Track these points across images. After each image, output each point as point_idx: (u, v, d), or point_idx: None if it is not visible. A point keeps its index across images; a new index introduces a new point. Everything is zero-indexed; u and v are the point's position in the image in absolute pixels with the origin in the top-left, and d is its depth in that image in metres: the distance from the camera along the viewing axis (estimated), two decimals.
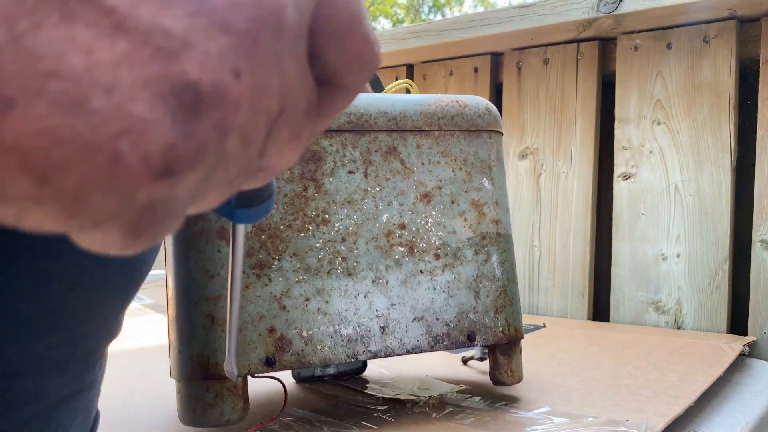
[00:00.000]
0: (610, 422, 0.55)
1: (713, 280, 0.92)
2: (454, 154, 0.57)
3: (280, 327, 0.49)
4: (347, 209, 0.52)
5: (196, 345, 0.47)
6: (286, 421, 0.57)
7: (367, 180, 0.53)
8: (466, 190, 0.57)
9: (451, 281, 0.54)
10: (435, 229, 0.55)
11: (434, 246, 0.55)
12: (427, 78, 1.24)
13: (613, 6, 0.93)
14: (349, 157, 0.53)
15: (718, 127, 0.92)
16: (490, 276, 0.56)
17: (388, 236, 0.53)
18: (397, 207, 0.54)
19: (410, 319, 0.53)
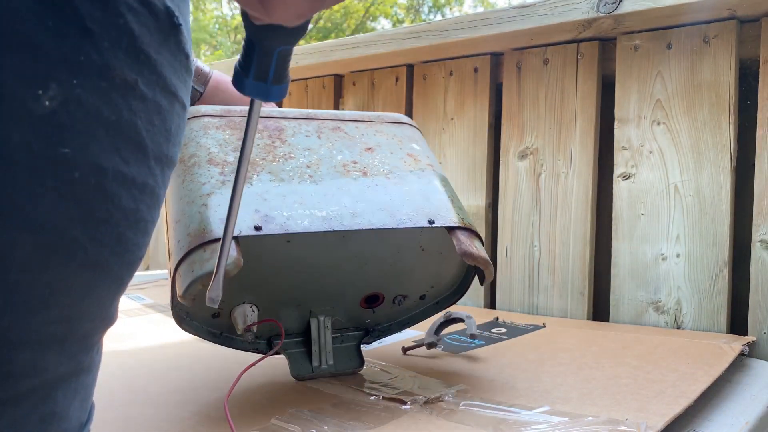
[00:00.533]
0: (609, 421, 0.55)
1: (713, 280, 0.92)
2: (385, 131, 0.73)
3: (264, 209, 0.59)
4: (308, 153, 0.66)
5: (193, 225, 0.57)
6: (286, 419, 0.57)
7: (320, 140, 0.68)
8: (400, 148, 0.71)
9: (403, 191, 0.66)
10: (381, 165, 0.68)
11: (383, 172, 0.67)
12: (427, 78, 1.24)
13: (613, 6, 0.93)
14: (305, 129, 0.69)
15: (717, 127, 0.92)
16: (436, 191, 0.67)
17: (344, 166, 0.66)
18: (348, 153, 0.68)
19: (375, 209, 0.63)
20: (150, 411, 0.60)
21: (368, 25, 13.12)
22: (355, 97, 1.36)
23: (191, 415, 0.59)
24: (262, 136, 0.66)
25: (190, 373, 0.72)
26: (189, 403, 0.62)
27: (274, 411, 0.59)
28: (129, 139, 0.30)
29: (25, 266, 0.27)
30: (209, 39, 13.39)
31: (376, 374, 0.71)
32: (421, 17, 13.53)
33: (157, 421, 0.58)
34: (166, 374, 0.72)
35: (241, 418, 0.58)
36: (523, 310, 1.10)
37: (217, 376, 0.71)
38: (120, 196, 0.30)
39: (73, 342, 0.31)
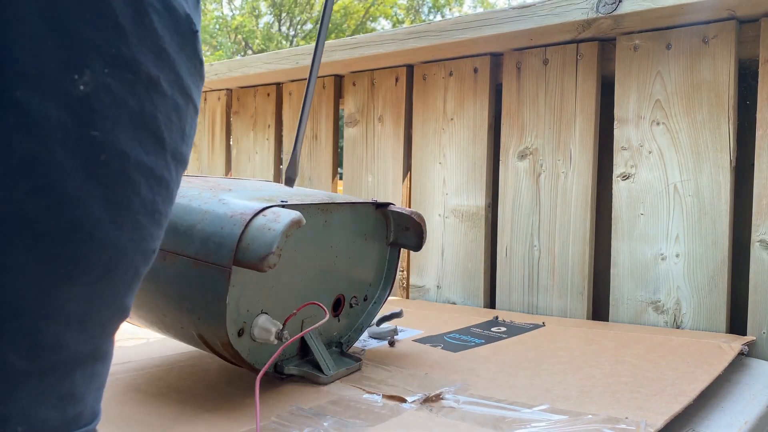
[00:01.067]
0: (609, 420, 0.55)
1: (712, 279, 0.92)
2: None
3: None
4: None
5: (233, 207, 0.60)
6: (287, 417, 0.57)
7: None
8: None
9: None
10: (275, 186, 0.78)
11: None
12: (427, 78, 1.24)
13: (613, 6, 0.93)
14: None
15: (717, 127, 0.92)
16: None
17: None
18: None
19: (318, 196, 0.71)
20: (151, 409, 0.60)
21: (368, 25, 13.12)
22: (355, 97, 1.36)
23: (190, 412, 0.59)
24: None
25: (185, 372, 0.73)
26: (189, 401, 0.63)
27: (274, 409, 0.59)
28: (150, 131, 0.32)
29: (54, 239, 0.29)
30: (209, 39, 13.40)
31: (375, 372, 0.71)
32: (421, 18, 13.54)
33: (159, 418, 0.58)
34: (166, 373, 0.72)
35: (242, 416, 0.58)
36: (522, 309, 1.10)
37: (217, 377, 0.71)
38: (140, 184, 0.32)
39: (92, 324, 0.32)
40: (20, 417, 0.28)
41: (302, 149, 1.46)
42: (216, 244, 0.57)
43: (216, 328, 0.59)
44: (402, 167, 1.28)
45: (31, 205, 0.27)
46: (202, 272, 0.57)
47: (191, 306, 0.59)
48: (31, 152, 0.27)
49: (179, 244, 0.58)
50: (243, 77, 1.51)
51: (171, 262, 0.59)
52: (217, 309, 0.58)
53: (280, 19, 14.13)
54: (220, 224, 0.58)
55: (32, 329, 0.29)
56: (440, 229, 1.21)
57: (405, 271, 1.29)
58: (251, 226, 0.57)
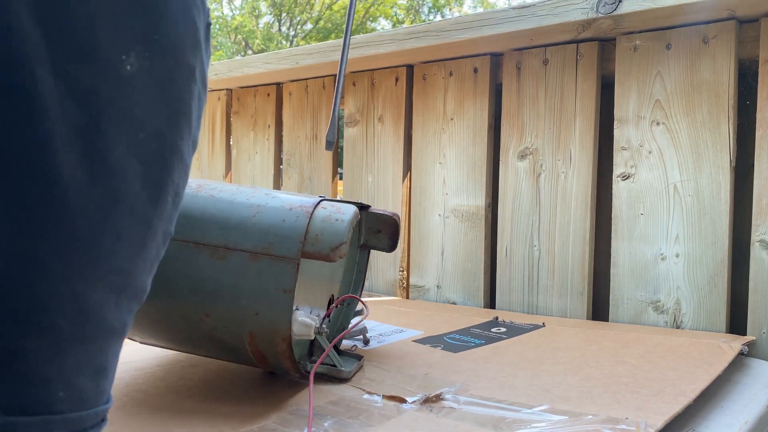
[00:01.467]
0: (609, 420, 0.55)
1: (712, 279, 0.92)
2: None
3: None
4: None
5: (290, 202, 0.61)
6: (286, 417, 0.57)
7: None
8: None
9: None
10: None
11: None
12: (427, 78, 1.24)
13: (612, 6, 0.93)
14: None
15: (717, 127, 0.92)
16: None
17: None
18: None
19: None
20: (152, 406, 0.60)
21: (368, 25, 13.12)
22: (355, 97, 1.36)
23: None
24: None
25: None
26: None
27: (274, 409, 0.59)
28: (184, 116, 0.33)
29: (100, 207, 0.30)
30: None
31: (375, 373, 0.71)
32: (421, 18, 13.54)
33: (160, 416, 0.58)
34: (167, 373, 0.73)
35: (242, 416, 0.58)
36: (522, 309, 1.10)
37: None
38: (173, 167, 0.33)
39: (125, 299, 0.33)
40: (63, 382, 0.28)
41: (302, 149, 1.46)
42: (279, 237, 0.57)
43: (277, 324, 0.57)
44: (402, 167, 1.28)
45: (81, 171, 0.28)
46: (262, 265, 0.57)
47: (248, 302, 0.57)
48: (80, 120, 0.28)
49: (230, 238, 0.58)
50: (243, 77, 1.51)
51: (220, 256, 0.58)
52: (282, 302, 0.57)
53: (280, 19, 14.13)
54: (281, 216, 0.58)
55: (79, 296, 0.29)
56: (440, 229, 1.21)
57: (405, 271, 1.29)
58: (316, 218, 0.58)
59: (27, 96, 0.26)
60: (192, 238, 0.58)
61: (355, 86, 1.36)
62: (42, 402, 0.27)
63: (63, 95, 0.27)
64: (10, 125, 0.26)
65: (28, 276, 0.27)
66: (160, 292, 0.58)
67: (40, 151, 0.27)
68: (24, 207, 0.27)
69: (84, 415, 0.29)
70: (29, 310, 0.27)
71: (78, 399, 0.29)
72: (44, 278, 0.27)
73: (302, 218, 0.58)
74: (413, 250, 1.26)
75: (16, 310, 0.26)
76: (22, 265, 0.27)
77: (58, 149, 0.27)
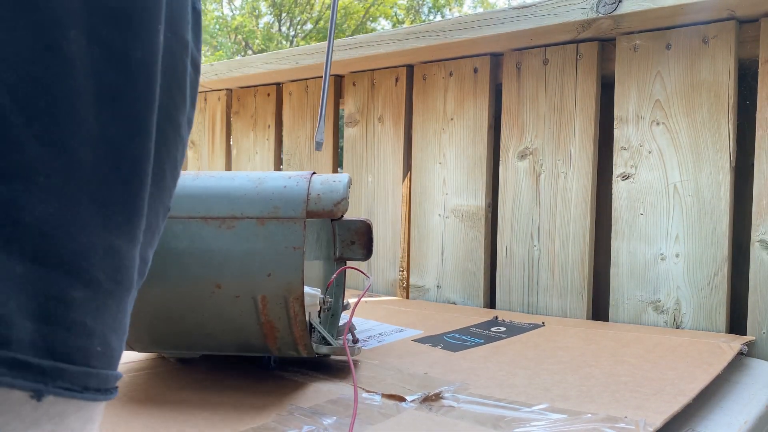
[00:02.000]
0: (608, 419, 0.55)
1: (712, 279, 0.92)
2: None
3: None
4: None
5: (284, 176, 0.66)
6: (286, 416, 0.57)
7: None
8: None
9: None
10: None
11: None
12: (427, 78, 1.24)
13: (612, 7, 0.93)
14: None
15: (717, 127, 0.92)
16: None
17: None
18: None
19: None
20: (152, 405, 0.60)
21: (368, 25, 13.13)
22: (355, 97, 1.36)
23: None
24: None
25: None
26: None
27: (273, 408, 0.59)
28: (180, 89, 0.33)
29: (135, 163, 0.31)
30: (209, 39, 13.40)
31: (375, 372, 0.71)
32: (421, 18, 13.55)
33: (160, 416, 0.58)
34: (168, 371, 0.73)
35: (241, 415, 0.58)
36: (522, 309, 1.10)
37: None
38: (178, 143, 0.34)
39: (143, 266, 0.33)
40: (101, 337, 0.29)
41: (302, 149, 1.46)
42: (283, 200, 0.61)
43: (290, 282, 0.60)
44: (402, 167, 1.28)
45: (119, 131, 0.29)
46: (270, 229, 0.60)
47: (260, 264, 0.60)
48: (115, 83, 0.29)
49: (236, 208, 0.61)
50: (243, 77, 1.51)
51: (229, 226, 0.61)
52: (293, 259, 0.60)
53: (280, 19, 14.13)
54: (282, 184, 0.63)
55: (115, 250, 0.30)
56: (440, 229, 1.21)
57: (405, 271, 1.29)
58: (315, 182, 0.63)
59: (60, 54, 0.27)
60: (199, 213, 0.61)
61: (355, 86, 1.36)
62: (83, 354, 0.28)
63: (97, 58, 0.28)
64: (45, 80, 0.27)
65: (73, 227, 0.27)
66: (171, 273, 0.60)
67: (72, 108, 0.28)
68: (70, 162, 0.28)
69: (110, 375, 0.30)
70: (75, 261, 0.27)
71: (109, 357, 0.30)
72: (85, 230, 0.28)
73: (302, 183, 0.63)
74: (413, 250, 1.26)
75: (63, 259, 0.27)
76: (68, 216, 0.27)
77: (95, 110, 0.28)
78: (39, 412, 0.26)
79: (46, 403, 0.26)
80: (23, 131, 0.25)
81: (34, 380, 0.25)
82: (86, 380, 0.28)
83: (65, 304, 0.27)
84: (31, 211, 0.26)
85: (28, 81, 0.26)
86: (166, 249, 0.60)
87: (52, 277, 0.26)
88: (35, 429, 0.26)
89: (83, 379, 0.27)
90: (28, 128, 0.26)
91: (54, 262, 0.26)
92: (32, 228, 0.26)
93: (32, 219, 0.26)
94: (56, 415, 0.27)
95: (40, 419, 0.26)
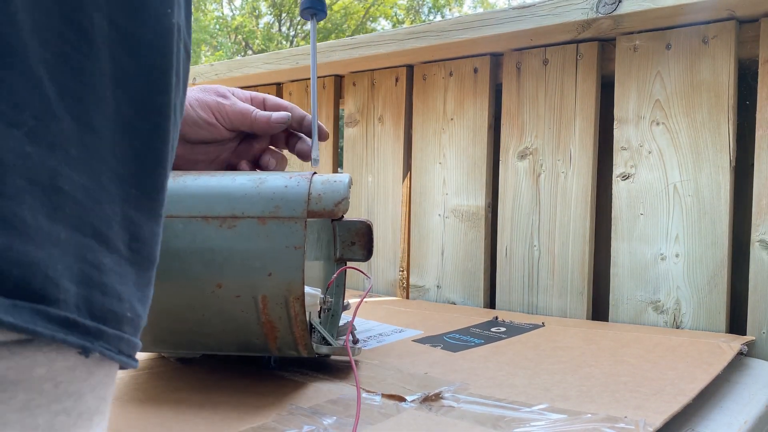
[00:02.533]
0: (608, 419, 0.55)
1: (712, 279, 0.92)
2: None
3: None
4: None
5: (283, 177, 0.65)
6: (286, 416, 0.57)
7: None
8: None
9: None
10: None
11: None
12: (427, 78, 1.24)
13: (612, 7, 0.93)
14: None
15: (717, 127, 0.92)
16: None
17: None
18: None
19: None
20: (153, 405, 0.60)
21: (368, 25, 13.13)
22: (355, 97, 1.36)
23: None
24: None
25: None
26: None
27: (273, 408, 0.59)
28: (176, 73, 0.35)
29: (157, 131, 0.33)
30: (210, 39, 13.40)
31: (375, 372, 0.71)
32: (421, 18, 13.55)
33: (161, 414, 0.58)
34: (170, 373, 0.73)
35: (240, 415, 0.58)
36: (522, 309, 1.10)
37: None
38: (174, 123, 0.35)
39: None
40: (129, 302, 0.30)
41: None
42: (284, 200, 0.61)
43: (290, 281, 0.60)
44: (402, 167, 1.28)
45: (131, 112, 0.31)
46: (271, 228, 0.60)
47: (261, 263, 0.60)
48: (129, 66, 0.31)
49: (238, 208, 0.61)
50: (243, 77, 1.51)
51: (230, 225, 0.61)
52: (294, 258, 0.60)
53: (280, 19, 14.13)
54: (283, 184, 0.62)
55: (136, 224, 0.31)
56: (440, 229, 1.21)
57: (405, 271, 1.29)
58: (315, 182, 0.63)
59: (87, 36, 0.28)
60: (200, 213, 0.61)
61: (355, 86, 1.36)
62: (116, 318, 0.29)
63: (114, 41, 0.30)
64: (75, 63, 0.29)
65: (99, 198, 0.29)
66: (172, 272, 0.60)
67: (95, 87, 0.29)
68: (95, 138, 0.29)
69: (137, 343, 0.31)
70: (102, 229, 0.29)
71: (136, 324, 0.31)
72: (108, 202, 0.29)
73: (303, 183, 0.62)
74: (413, 250, 1.26)
75: (94, 226, 0.28)
76: (95, 187, 0.29)
77: (108, 88, 0.30)
78: (82, 371, 0.28)
79: (90, 362, 0.28)
80: (59, 105, 0.27)
81: (81, 338, 0.27)
82: (119, 344, 0.29)
83: (98, 269, 0.28)
84: (69, 180, 0.27)
85: (61, 58, 0.27)
86: (167, 248, 0.60)
87: (86, 243, 0.28)
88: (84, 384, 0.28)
89: (117, 343, 0.29)
90: (61, 102, 0.27)
91: (87, 230, 0.28)
92: (71, 196, 0.27)
93: (70, 188, 0.27)
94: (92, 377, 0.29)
95: (89, 378, 0.28)
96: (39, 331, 0.25)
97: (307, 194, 0.62)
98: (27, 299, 0.25)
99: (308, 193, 0.62)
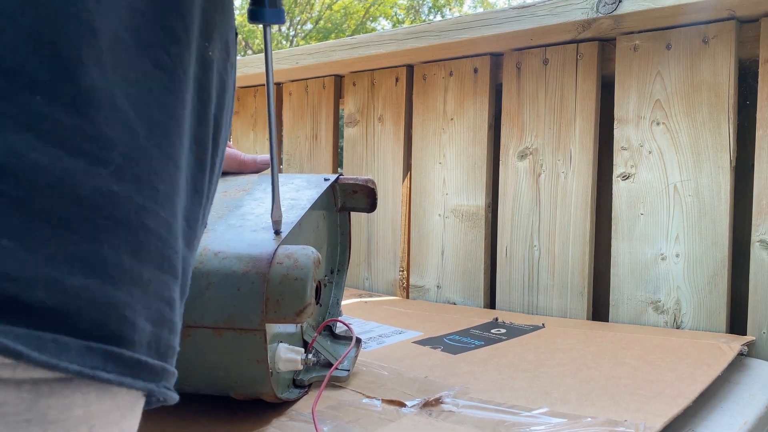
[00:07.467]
0: (608, 422, 0.55)
1: (712, 279, 0.92)
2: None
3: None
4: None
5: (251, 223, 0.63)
6: (286, 422, 0.57)
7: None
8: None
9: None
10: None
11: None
12: (427, 78, 1.24)
13: (612, 6, 0.93)
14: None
15: (717, 127, 0.92)
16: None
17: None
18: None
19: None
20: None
21: (368, 25, 13.12)
22: (355, 97, 1.36)
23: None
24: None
25: None
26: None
27: (273, 414, 0.59)
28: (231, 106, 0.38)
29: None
30: None
31: (375, 376, 0.71)
32: (421, 18, 13.53)
33: (160, 413, 0.58)
34: None
35: (241, 421, 0.58)
36: (522, 310, 1.10)
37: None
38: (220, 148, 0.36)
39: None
40: (178, 336, 0.30)
41: (302, 149, 1.46)
42: (238, 308, 0.53)
43: (259, 388, 0.56)
44: (402, 167, 1.28)
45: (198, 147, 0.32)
46: (228, 339, 0.54)
47: (224, 374, 0.56)
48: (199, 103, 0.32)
49: (190, 316, 0.53)
50: (243, 77, 1.51)
51: (185, 335, 0.53)
52: (258, 371, 0.55)
53: None
54: (236, 285, 0.54)
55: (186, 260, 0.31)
56: (440, 229, 1.21)
57: (405, 271, 1.29)
58: (272, 280, 0.53)
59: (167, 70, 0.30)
60: None
61: (355, 86, 1.36)
62: (173, 353, 0.29)
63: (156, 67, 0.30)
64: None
65: (175, 233, 0.29)
66: None
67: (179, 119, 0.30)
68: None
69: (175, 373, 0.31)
70: (176, 265, 0.29)
71: (174, 355, 0.31)
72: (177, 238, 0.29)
73: (258, 284, 0.53)
74: (413, 250, 1.26)
75: (171, 263, 0.28)
76: (173, 223, 0.29)
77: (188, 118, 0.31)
78: (116, 415, 0.27)
79: (124, 406, 0.27)
80: (147, 141, 0.27)
81: (147, 380, 0.26)
82: (172, 379, 0.29)
83: (170, 306, 0.29)
84: (155, 217, 0.27)
85: (145, 93, 0.27)
86: None
87: (165, 279, 0.28)
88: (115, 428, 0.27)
89: (171, 379, 0.29)
90: (150, 139, 0.27)
91: (166, 266, 0.28)
92: (155, 233, 0.27)
93: (155, 225, 0.27)
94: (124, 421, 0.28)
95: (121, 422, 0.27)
96: (107, 378, 0.24)
97: (264, 300, 0.53)
98: (102, 340, 0.24)
99: (264, 298, 0.53)
